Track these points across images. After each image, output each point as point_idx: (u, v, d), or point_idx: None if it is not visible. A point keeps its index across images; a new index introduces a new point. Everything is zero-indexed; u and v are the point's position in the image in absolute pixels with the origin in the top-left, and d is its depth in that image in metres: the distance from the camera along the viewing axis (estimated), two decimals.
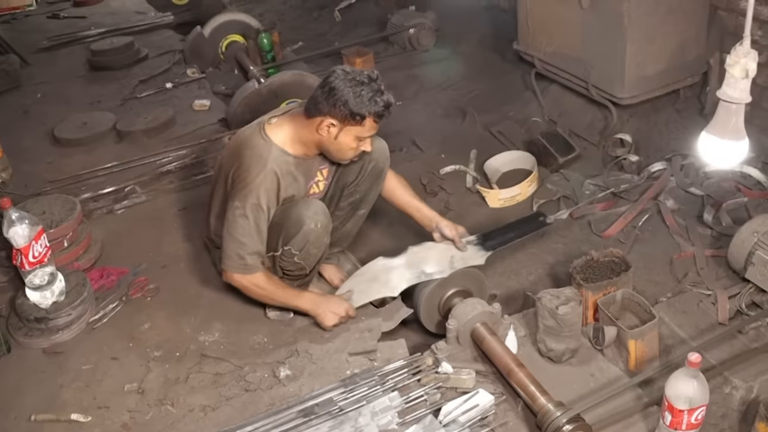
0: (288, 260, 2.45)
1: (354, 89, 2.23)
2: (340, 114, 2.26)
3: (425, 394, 2.14)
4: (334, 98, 2.24)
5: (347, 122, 2.29)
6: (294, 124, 2.39)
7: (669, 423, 1.84)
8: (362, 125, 2.30)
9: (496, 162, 3.61)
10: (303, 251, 2.42)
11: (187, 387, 2.30)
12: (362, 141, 2.37)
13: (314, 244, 2.42)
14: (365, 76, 2.26)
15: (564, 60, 3.78)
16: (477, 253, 2.59)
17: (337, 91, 2.24)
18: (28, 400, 2.30)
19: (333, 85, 2.25)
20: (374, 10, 6.04)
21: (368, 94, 2.24)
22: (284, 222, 2.38)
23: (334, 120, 2.29)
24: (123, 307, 2.68)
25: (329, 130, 2.31)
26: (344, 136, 2.33)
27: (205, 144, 3.85)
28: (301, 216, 2.36)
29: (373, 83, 2.26)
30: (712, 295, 2.50)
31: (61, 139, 4.04)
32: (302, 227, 2.36)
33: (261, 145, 2.35)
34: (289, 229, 2.38)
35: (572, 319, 2.22)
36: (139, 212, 3.34)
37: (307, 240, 2.39)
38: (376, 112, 2.28)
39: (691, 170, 3.26)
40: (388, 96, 2.29)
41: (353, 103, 2.24)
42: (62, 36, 5.81)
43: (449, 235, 2.58)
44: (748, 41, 1.79)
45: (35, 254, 2.50)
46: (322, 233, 2.41)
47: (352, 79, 2.24)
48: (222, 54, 5.18)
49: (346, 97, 2.23)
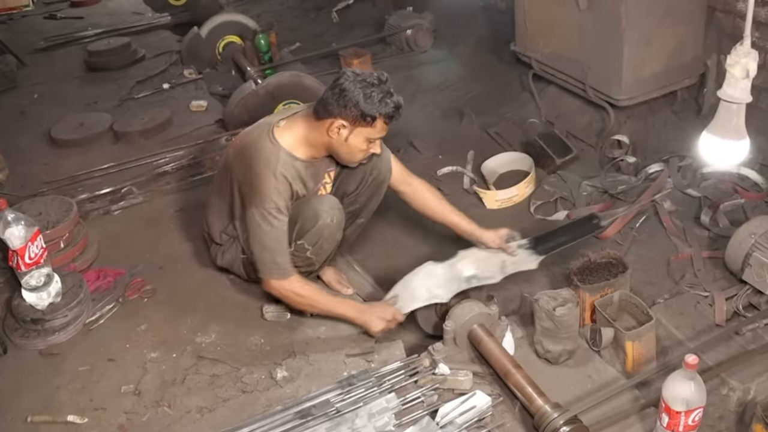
0: (300, 255, 2.44)
1: (364, 90, 2.24)
2: (351, 115, 2.27)
3: (422, 396, 2.14)
4: (344, 99, 2.25)
5: (358, 123, 2.29)
6: (303, 127, 2.39)
7: (666, 425, 1.84)
8: (373, 126, 2.30)
9: (494, 163, 3.61)
10: (316, 246, 2.41)
11: (183, 388, 2.29)
12: (372, 143, 2.37)
13: (328, 240, 2.42)
14: (375, 78, 2.27)
15: (561, 61, 3.78)
16: (529, 258, 2.54)
17: (347, 93, 2.24)
18: (24, 401, 2.29)
19: (343, 86, 2.25)
20: (372, 11, 6.03)
21: (379, 95, 2.25)
22: (298, 217, 2.38)
23: (344, 121, 2.29)
24: (120, 308, 2.67)
25: (339, 132, 2.31)
26: (355, 137, 2.33)
27: (202, 145, 3.84)
28: (317, 211, 2.36)
29: (383, 85, 2.27)
30: (709, 296, 2.50)
31: (58, 140, 4.04)
32: (318, 222, 2.36)
33: (269, 148, 2.34)
34: (304, 223, 2.37)
35: (569, 320, 2.22)
36: (136, 213, 3.33)
37: (321, 235, 2.39)
38: (387, 114, 2.28)
39: (688, 172, 3.27)
40: (398, 98, 2.30)
41: (364, 105, 2.24)
42: (59, 36, 5.81)
43: (494, 246, 2.54)
44: (748, 41, 1.80)
45: (31, 255, 2.49)
46: (336, 228, 2.41)
47: (362, 81, 2.25)
48: (219, 55, 5.18)
49: (356, 98, 2.23)
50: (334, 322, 2.51)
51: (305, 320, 2.54)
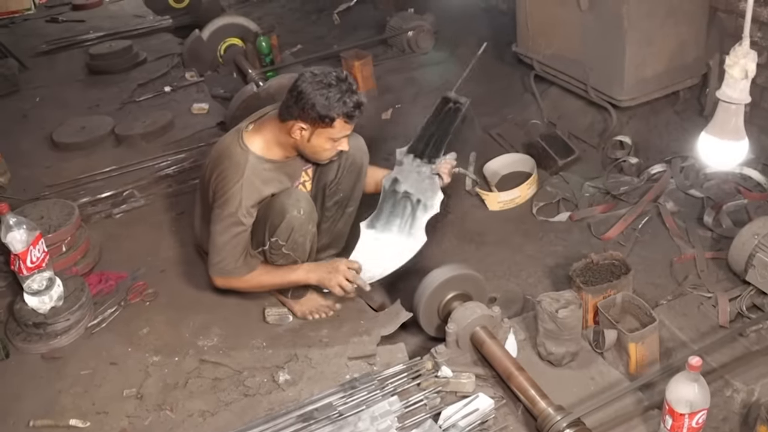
0: (277, 252, 2.45)
1: (321, 92, 2.25)
2: (309, 117, 2.29)
3: (425, 399, 2.13)
4: (302, 102, 2.27)
5: (317, 125, 2.31)
6: (270, 129, 2.42)
7: (670, 427, 1.83)
8: (332, 127, 2.32)
9: (496, 164, 3.60)
10: (290, 240, 2.41)
11: (186, 392, 2.29)
12: (337, 141, 2.39)
13: (299, 232, 2.41)
14: (333, 77, 2.28)
15: (563, 62, 3.77)
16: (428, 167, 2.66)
17: (304, 95, 2.26)
18: (26, 405, 2.29)
19: (301, 89, 2.27)
20: (373, 13, 6.03)
21: (336, 95, 2.26)
22: (268, 214, 2.39)
23: (304, 124, 2.31)
24: (121, 311, 2.67)
25: (301, 134, 2.34)
26: (316, 138, 2.35)
27: (203, 147, 3.85)
28: (284, 205, 2.37)
29: (342, 84, 2.28)
30: (712, 297, 2.49)
31: (60, 144, 4.04)
32: (285, 215, 2.36)
33: (238, 153, 2.36)
34: (273, 219, 2.38)
35: (572, 322, 2.22)
36: (138, 216, 3.33)
37: (292, 228, 2.38)
38: (346, 113, 2.29)
39: (691, 172, 3.25)
40: (359, 96, 2.31)
41: (321, 106, 2.26)
42: (61, 40, 5.83)
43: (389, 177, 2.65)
44: (747, 42, 1.79)
45: (33, 259, 2.49)
46: (305, 220, 2.41)
47: (319, 82, 2.26)
48: (220, 57, 5.18)
49: (313, 100, 2.25)
50: (336, 325, 2.51)
51: (307, 323, 2.54)
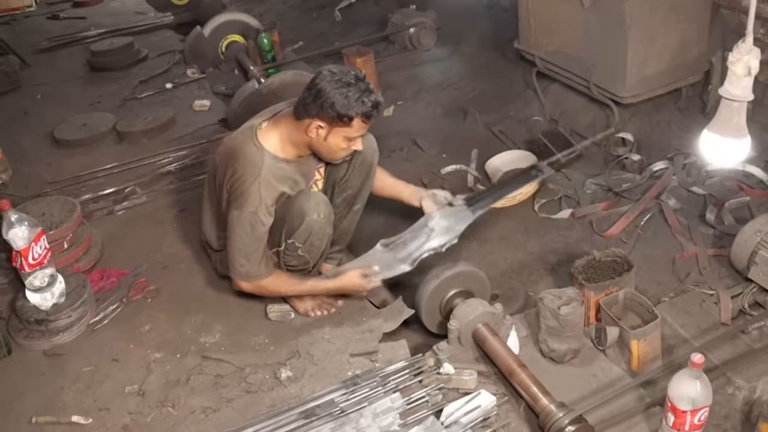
0: (292, 254, 2.45)
1: (341, 90, 2.23)
2: (328, 116, 2.26)
3: (427, 395, 2.13)
4: (320, 100, 2.24)
5: (335, 124, 2.29)
6: (284, 127, 2.39)
7: (672, 424, 1.83)
8: (350, 126, 2.30)
9: (498, 161, 3.60)
10: (306, 243, 2.41)
11: (187, 388, 2.30)
12: (352, 141, 2.37)
13: (317, 235, 2.41)
14: (352, 77, 2.26)
15: (565, 59, 3.77)
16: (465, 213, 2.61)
17: (323, 93, 2.24)
18: (28, 402, 2.29)
19: (320, 87, 2.25)
20: (375, 9, 6.02)
21: (355, 94, 2.24)
22: (286, 216, 2.38)
23: (322, 122, 2.29)
24: (123, 308, 2.67)
25: (318, 132, 2.32)
26: (333, 137, 2.33)
27: (205, 144, 3.84)
28: (303, 208, 2.36)
29: (360, 83, 2.26)
30: (714, 294, 2.49)
31: (61, 140, 4.04)
32: (305, 219, 2.36)
33: (253, 152, 2.34)
34: (292, 222, 2.37)
35: (574, 319, 2.22)
36: (140, 213, 3.33)
37: (311, 231, 2.38)
38: (364, 113, 2.28)
39: (693, 169, 3.25)
40: (376, 95, 2.30)
41: (340, 105, 2.24)
42: (62, 37, 5.81)
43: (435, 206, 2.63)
44: (750, 39, 1.78)
45: (35, 256, 2.49)
46: (325, 223, 2.41)
47: (338, 80, 2.24)
48: (222, 54, 5.18)
49: (332, 99, 2.23)
50: (338, 321, 2.51)
51: (309, 320, 2.54)
